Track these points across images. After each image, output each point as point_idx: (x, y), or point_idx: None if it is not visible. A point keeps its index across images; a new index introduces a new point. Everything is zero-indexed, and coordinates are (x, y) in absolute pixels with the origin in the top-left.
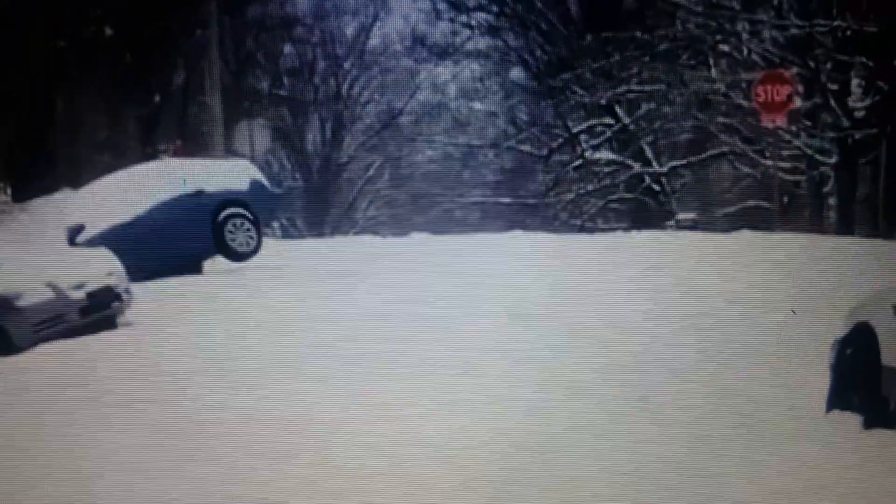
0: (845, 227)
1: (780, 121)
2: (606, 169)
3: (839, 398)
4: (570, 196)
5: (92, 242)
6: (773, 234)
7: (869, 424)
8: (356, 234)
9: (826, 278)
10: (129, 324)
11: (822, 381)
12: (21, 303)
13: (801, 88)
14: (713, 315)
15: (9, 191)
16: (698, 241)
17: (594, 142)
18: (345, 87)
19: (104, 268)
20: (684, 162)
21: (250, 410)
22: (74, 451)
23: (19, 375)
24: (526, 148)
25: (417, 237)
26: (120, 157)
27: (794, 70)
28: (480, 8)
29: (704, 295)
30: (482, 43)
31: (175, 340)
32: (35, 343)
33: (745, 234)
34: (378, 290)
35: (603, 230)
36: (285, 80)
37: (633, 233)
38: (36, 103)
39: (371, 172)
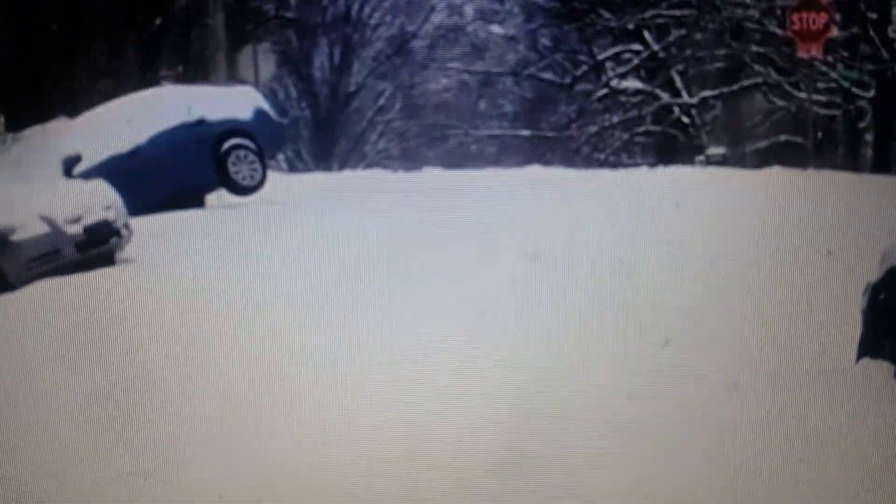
0: (882, 165)
1: (816, 51)
2: (633, 99)
3: (871, 345)
4: (594, 128)
5: (89, 174)
6: (805, 171)
7: None
8: (366, 167)
9: (860, 219)
10: (128, 260)
11: (853, 328)
12: (14, 237)
13: (838, 17)
14: (740, 257)
15: (1, 119)
16: (728, 177)
17: (621, 70)
18: (354, 8)
19: (102, 201)
20: (716, 93)
21: (252, 347)
22: (70, 392)
23: (13, 314)
24: (547, 76)
25: (430, 172)
26: (119, 84)
27: None
28: None
29: (732, 235)
30: None
31: (176, 278)
32: (30, 280)
33: (777, 171)
34: (387, 228)
35: (627, 165)
36: (292, 2)
37: (660, 168)
38: (30, 27)
39: (381, 102)
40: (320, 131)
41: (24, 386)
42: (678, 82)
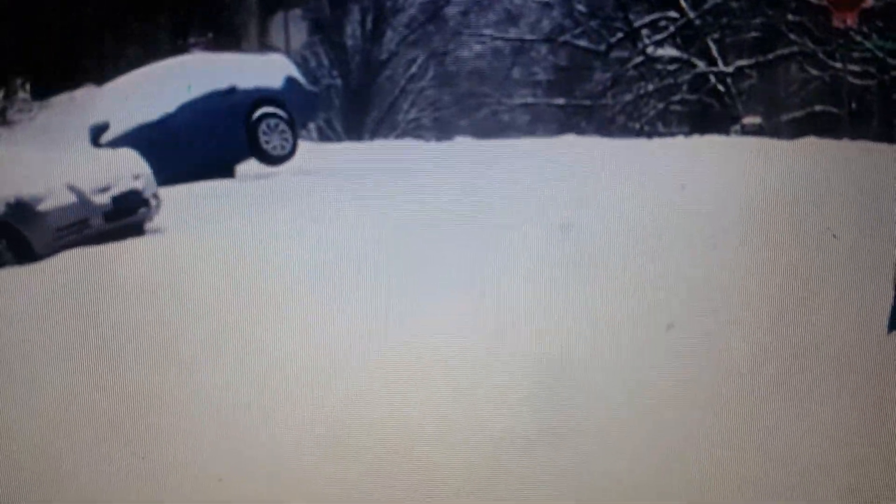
0: None
1: (852, 20)
2: (669, 67)
3: None
4: (629, 97)
5: (117, 143)
6: (840, 141)
7: None
8: (397, 137)
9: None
10: (157, 230)
11: (886, 299)
12: (42, 207)
13: None
14: (774, 229)
15: (28, 87)
16: (763, 147)
17: (657, 37)
18: None
19: (130, 170)
20: (751, 62)
21: (282, 316)
22: (99, 359)
23: (40, 283)
24: (583, 43)
25: (462, 141)
26: (148, 52)
27: None
28: None
29: (767, 206)
30: None
31: (205, 248)
32: (57, 249)
33: (812, 141)
34: (419, 198)
35: (663, 134)
36: None
37: (695, 137)
38: None
39: (413, 70)
40: (352, 100)
41: (45, 355)
42: (714, 51)
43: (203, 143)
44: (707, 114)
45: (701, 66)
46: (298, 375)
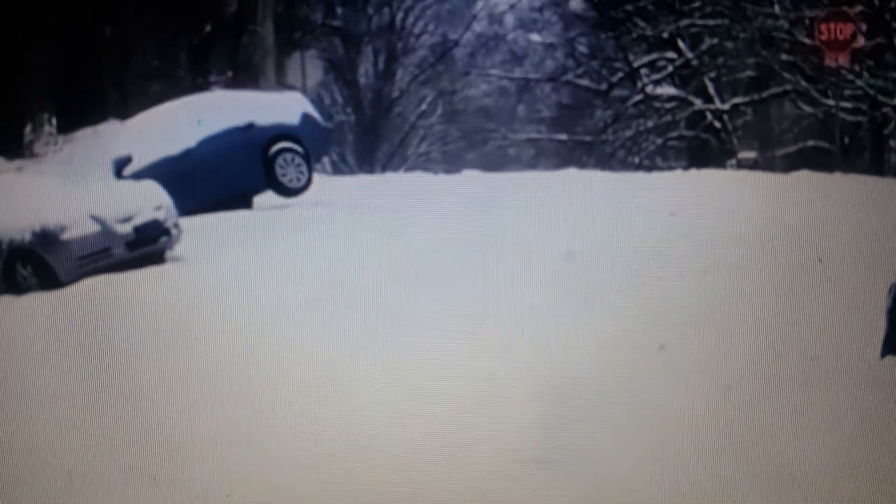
0: None
1: (843, 60)
2: (667, 105)
3: (894, 344)
4: (629, 133)
5: (139, 175)
6: (832, 175)
7: None
8: (407, 170)
9: (884, 222)
10: (177, 259)
11: (874, 325)
12: (66, 236)
13: (864, 27)
14: (769, 258)
15: (54, 121)
16: (758, 181)
17: (655, 76)
18: (398, 17)
19: (152, 201)
20: (747, 100)
21: (299, 341)
22: (119, 387)
23: (64, 310)
24: (584, 82)
25: (469, 174)
26: (169, 88)
27: (858, 8)
28: None
29: (762, 237)
30: None
31: (224, 276)
32: (80, 277)
33: (805, 175)
34: (428, 229)
35: (661, 168)
36: (338, 10)
37: (693, 171)
38: (83, 31)
39: (423, 107)
40: (364, 135)
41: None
42: (711, 89)
43: (222, 176)
44: (704, 149)
45: (698, 103)
46: (309, 396)
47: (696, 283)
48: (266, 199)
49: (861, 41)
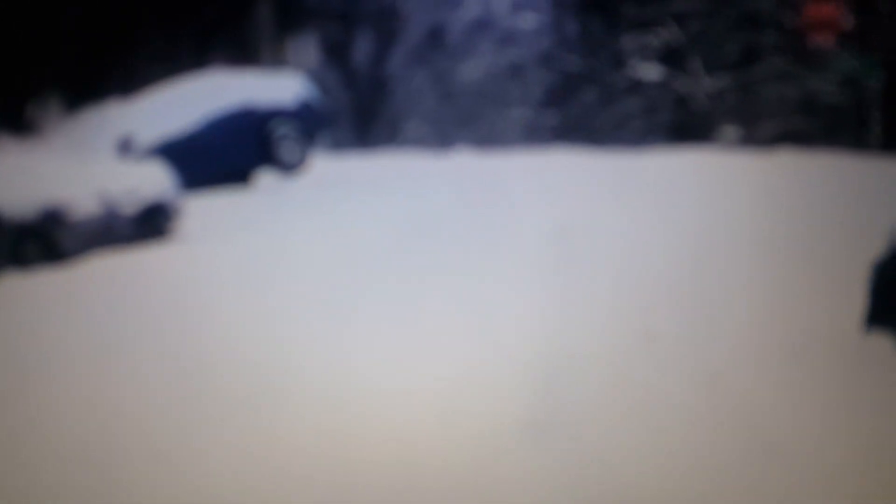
0: (887, 148)
1: (829, 40)
2: (654, 84)
3: (877, 321)
4: (617, 113)
5: (142, 154)
6: (815, 153)
7: None
8: (400, 150)
9: (867, 199)
10: (179, 237)
11: (860, 303)
12: (70, 213)
13: (850, 8)
14: (752, 236)
15: (59, 100)
16: (740, 159)
17: (643, 58)
18: (394, 0)
19: (155, 180)
20: (732, 80)
21: (298, 316)
22: (122, 363)
23: (69, 288)
24: (574, 64)
25: (461, 154)
26: (172, 69)
27: None
28: None
29: (744, 215)
30: None
31: (226, 254)
32: (84, 254)
33: (788, 154)
34: (421, 207)
35: (648, 147)
36: None
37: (678, 150)
38: (88, 12)
39: (417, 88)
40: (359, 115)
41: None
42: (697, 69)
43: (222, 154)
44: (689, 128)
45: (684, 83)
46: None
47: (680, 266)
48: (265, 180)
49: (846, 22)
